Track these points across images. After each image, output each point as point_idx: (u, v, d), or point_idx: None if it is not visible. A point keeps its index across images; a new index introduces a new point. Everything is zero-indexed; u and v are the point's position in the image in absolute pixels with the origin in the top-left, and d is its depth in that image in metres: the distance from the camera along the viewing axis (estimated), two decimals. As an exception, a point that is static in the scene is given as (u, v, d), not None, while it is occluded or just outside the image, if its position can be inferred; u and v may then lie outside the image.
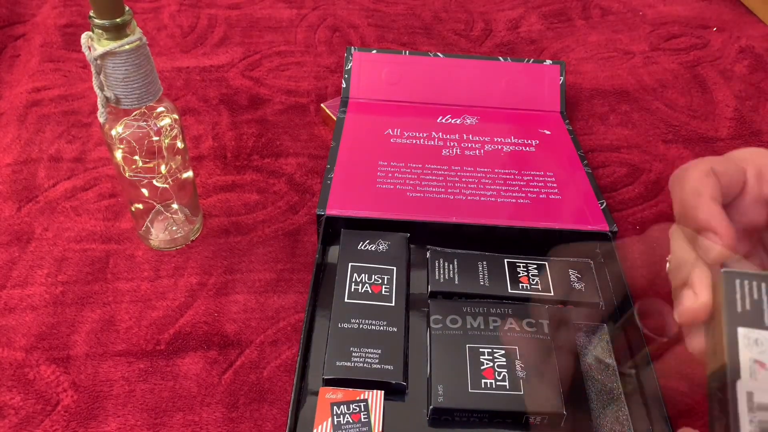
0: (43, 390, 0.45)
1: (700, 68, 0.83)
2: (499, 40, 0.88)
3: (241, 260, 0.55)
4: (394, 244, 0.53)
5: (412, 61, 0.70)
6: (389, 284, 0.50)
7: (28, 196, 0.60)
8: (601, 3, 0.97)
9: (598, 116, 0.75)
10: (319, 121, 0.71)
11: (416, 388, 0.45)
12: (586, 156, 0.67)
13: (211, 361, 0.48)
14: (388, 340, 0.46)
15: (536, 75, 0.71)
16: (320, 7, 0.92)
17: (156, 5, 0.89)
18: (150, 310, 0.51)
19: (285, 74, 0.78)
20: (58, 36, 0.82)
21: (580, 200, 0.57)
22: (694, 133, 0.73)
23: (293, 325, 0.50)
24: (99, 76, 0.43)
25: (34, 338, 0.48)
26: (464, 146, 0.63)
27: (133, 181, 0.50)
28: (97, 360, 0.47)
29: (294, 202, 0.61)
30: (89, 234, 0.56)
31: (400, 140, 0.64)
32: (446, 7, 0.94)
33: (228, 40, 0.83)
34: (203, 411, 0.45)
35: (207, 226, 0.58)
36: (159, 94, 0.46)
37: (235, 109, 0.72)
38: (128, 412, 0.44)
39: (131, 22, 0.42)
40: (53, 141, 0.66)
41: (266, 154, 0.66)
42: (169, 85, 0.75)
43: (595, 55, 0.85)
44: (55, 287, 0.52)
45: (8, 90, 0.73)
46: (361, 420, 0.42)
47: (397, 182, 0.58)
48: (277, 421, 0.44)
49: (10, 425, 0.43)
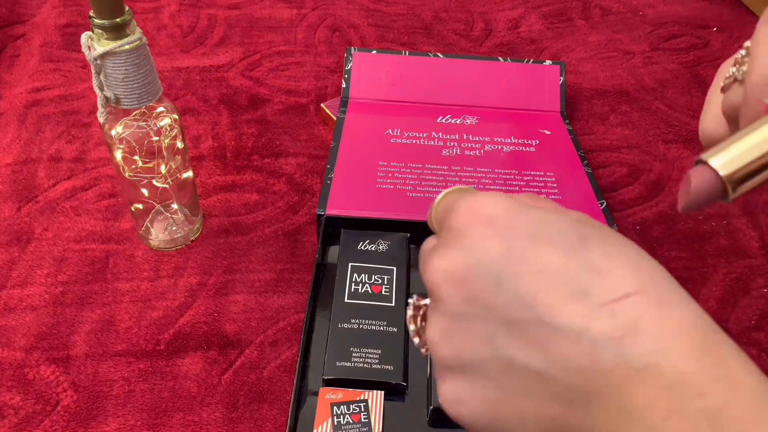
0: (43, 390, 0.45)
1: (700, 68, 0.83)
2: (499, 40, 0.88)
3: (241, 260, 0.55)
4: (394, 244, 0.53)
5: (412, 61, 0.70)
6: (389, 284, 0.50)
7: (28, 196, 0.60)
8: (601, 3, 0.97)
9: (598, 116, 0.75)
10: (319, 121, 0.71)
11: (416, 388, 0.45)
12: (586, 156, 0.67)
13: (211, 361, 0.48)
14: (388, 340, 0.46)
15: (536, 75, 0.71)
16: (320, 7, 0.92)
17: (156, 5, 0.89)
18: (150, 310, 0.51)
19: (285, 74, 0.78)
20: (58, 36, 0.82)
21: (580, 200, 0.57)
22: (694, 133, 0.73)
23: (293, 325, 0.50)
24: (99, 76, 0.43)
25: (34, 338, 0.48)
26: (464, 146, 0.63)
27: (133, 181, 0.50)
28: (97, 360, 0.47)
29: (294, 202, 0.61)
30: (89, 234, 0.56)
31: (400, 140, 0.64)
32: (446, 7, 0.94)
33: (228, 40, 0.83)
34: (203, 411, 0.45)
35: (207, 226, 0.58)
36: (159, 94, 0.46)
37: (235, 109, 0.72)
38: (128, 412, 0.44)
39: (131, 22, 0.42)
40: (53, 141, 0.66)
41: (266, 154, 0.66)
42: (169, 85, 0.75)
43: (595, 55, 0.85)
44: (55, 287, 0.52)
45: (8, 90, 0.73)
46: (361, 420, 0.42)
47: (397, 182, 0.58)
48: (277, 421, 0.44)
49: (10, 425, 0.43)
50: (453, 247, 0.23)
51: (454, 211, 0.24)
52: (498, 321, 0.21)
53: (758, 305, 0.54)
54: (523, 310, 0.20)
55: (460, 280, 0.22)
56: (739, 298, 0.55)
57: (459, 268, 0.22)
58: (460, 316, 0.22)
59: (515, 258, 0.21)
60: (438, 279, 0.23)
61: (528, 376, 0.21)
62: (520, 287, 0.21)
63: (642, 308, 0.19)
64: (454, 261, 0.22)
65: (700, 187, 0.19)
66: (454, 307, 0.22)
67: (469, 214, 0.23)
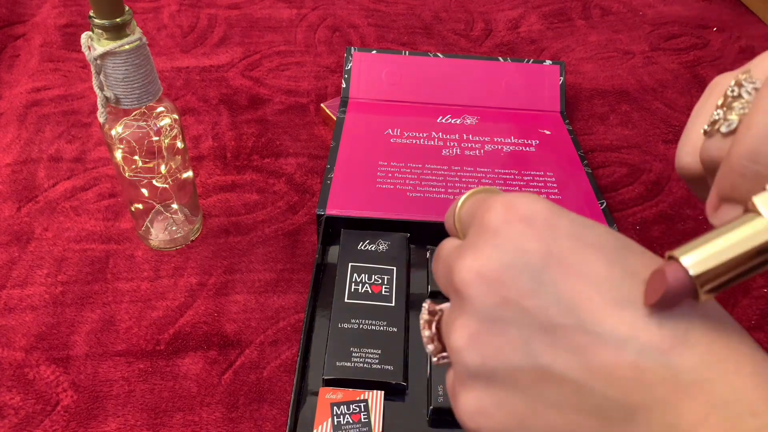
0: (43, 390, 0.45)
1: (700, 68, 0.83)
2: (499, 40, 0.88)
3: (241, 260, 0.55)
4: (394, 244, 0.53)
5: (412, 61, 0.70)
6: (389, 284, 0.50)
7: (28, 196, 0.60)
8: (601, 3, 0.97)
9: (598, 116, 0.75)
10: (319, 121, 0.71)
11: (416, 388, 0.45)
12: (586, 156, 0.67)
13: (211, 361, 0.48)
14: (388, 340, 0.46)
15: (536, 75, 0.71)
16: (320, 7, 0.92)
17: (156, 5, 0.89)
18: (150, 310, 0.51)
19: (285, 74, 0.78)
20: (58, 36, 0.82)
21: (580, 200, 0.57)
22: (694, 133, 0.73)
23: (293, 325, 0.50)
24: (99, 76, 0.43)
25: (34, 338, 0.48)
26: (464, 146, 0.63)
27: (133, 181, 0.50)
28: (97, 360, 0.47)
29: (294, 202, 0.61)
30: (89, 234, 0.56)
31: (400, 140, 0.64)
32: (446, 7, 0.94)
33: (228, 40, 0.83)
34: (203, 411, 0.45)
35: (207, 226, 0.58)
36: (159, 94, 0.46)
37: (235, 109, 0.72)
38: (128, 412, 0.44)
39: (131, 22, 0.42)
40: (53, 141, 0.66)
41: (266, 154, 0.66)
42: (169, 85, 0.75)
43: (595, 55, 0.85)
44: (55, 287, 0.52)
45: (8, 90, 0.73)
46: (361, 420, 0.42)
47: (397, 182, 0.58)
48: (277, 421, 0.44)
49: (10, 425, 0.43)
50: (487, 245, 0.21)
51: (488, 210, 0.22)
52: (534, 326, 0.20)
53: (758, 305, 0.54)
54: (564, 315, 0.19)
55: (494, 280, 0.20)
56: (739, 298, 0.55)
57: (494, 267, 0.20)
58: (491, 319, 0.20)
59: (556, 260, 0.20)
60: (468, 278, 0.21)
61: (564, 386, 0.19)
62: (560, 291, 0.19)
63: (690, 319, 0.18)
64: (488, 260, 0.21)
65: (675, 287, 0.18)
66: (486, 309, 0.20)
67: (505, 212, 0.21)
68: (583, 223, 0.21)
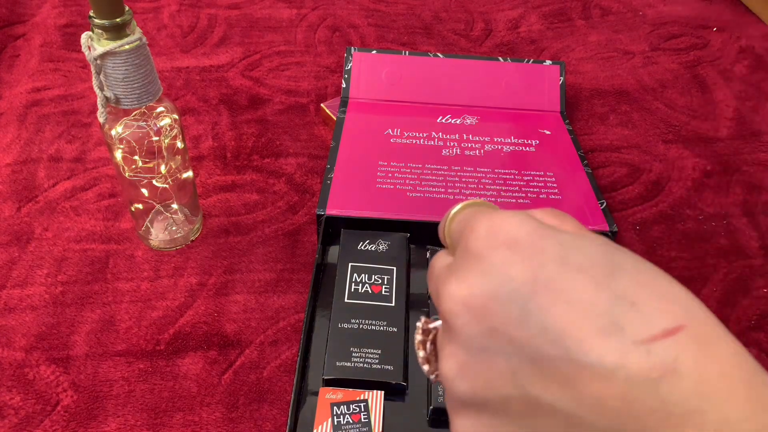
0: (43, 390, 0.45)
1: (700, 68, 0.83)
2: (499, 40, 0.88)
3: (241, 260, 0.55)
4: (394, 244, 0.53)
5: (412, 61, 0.70)
6: (389, 284, 0.50)
7: (28, 196, 0.60)
8: (601, 3, 0.97)
9: (598, 116, 0.75)
10: (319, 121, 0.71)
11: (416, 388, 0.45)
12: (586, 156, 0.67)
13: (211, 361, 0.48)
14: (388, 340, 0.46)
15: (536, 75, 0.71)
16: (320, 7, 0.92)
17: (156, 5, 0.89)
18: (150, 310, 0.51)
19: (285, 74, 0.78)
20: (58, 36, 0.82)
21: (580, 200, 0.57)
22: (694, 133, 0.73)
23: (293, 325, 0.50)
24: (99, 76, 0.43)
25: (34, 338, 0.48)
26: (464, 146, 0.63)
27: (133, 181, 0.50)
28: (97, 360, 0.47)
29: (294, 202, 0.61)
30: (89, 234, 0.56)
31: (400, 140, 0.64)
32: (446, 7, 0.94)
33: (228, 40, 0.83)
34: (203, 411, 0.45)
35: (207, 226, 0.58)
36: (159, 94, 0.46)
37: (235, 109, 0.72)
38: (128, 412, 0.44)
39: (131, 22, 0.42)
40: (53, 141, 0.66)
41: (266, 154, 0.66)
42: (169, 85, 0.75)
43: (595, 55, 0.85)
44: (55, 287, 0.52)
45: (8, 90, 0.73)
46: (361, 420, 0.42)
47: (397, 182, 0.58)
48: (277, 421, 0.44)
49: (10, 425, 0.43)
50: (471, 272, 0.20)
51: (472, 231, 0.21)
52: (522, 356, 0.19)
53: (758, 305, 0.54)
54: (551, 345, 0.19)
55: (479, 309, 0.20)
56: (739, 298, 0.55)
57: (478, 295, 0.20)
58: (479, 349, 0.20)
59: (542, 287, 0.19)
60: (454, 307, 0.21)
61: (553, 417, 0.19)
62: (547, 320, 0.19)
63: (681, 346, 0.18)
64: (472, 288, 0.20)
65: None
66: (473, 339, 0.20)
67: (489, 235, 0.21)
68: (570, 244, 0.20)
